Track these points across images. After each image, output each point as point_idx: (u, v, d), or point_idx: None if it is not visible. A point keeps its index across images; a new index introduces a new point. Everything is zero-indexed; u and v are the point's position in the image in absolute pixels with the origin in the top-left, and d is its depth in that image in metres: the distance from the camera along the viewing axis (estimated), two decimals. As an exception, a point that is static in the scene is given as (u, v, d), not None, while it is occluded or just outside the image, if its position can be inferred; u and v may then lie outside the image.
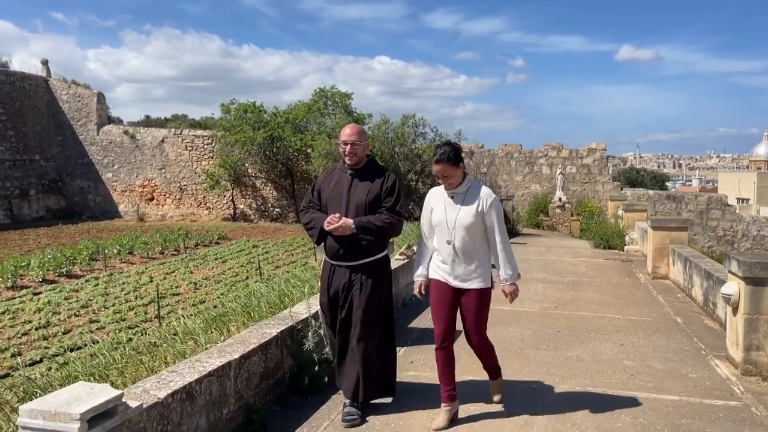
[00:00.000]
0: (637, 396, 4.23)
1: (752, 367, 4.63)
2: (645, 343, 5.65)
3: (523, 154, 24.26)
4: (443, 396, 3.72)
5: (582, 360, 5.09)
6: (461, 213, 3.65)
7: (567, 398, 4.19)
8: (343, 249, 3.81)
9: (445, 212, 3.69)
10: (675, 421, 3.79)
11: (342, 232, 3.74)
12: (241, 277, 13.34)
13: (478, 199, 3.66)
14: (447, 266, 3.69)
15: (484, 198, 3.67)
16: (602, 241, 13.77)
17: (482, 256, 3.69)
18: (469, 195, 3.69)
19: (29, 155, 27.50)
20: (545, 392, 4.31)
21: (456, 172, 3.66)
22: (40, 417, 2.39)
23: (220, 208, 26.87)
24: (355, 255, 3.81)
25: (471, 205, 3.65)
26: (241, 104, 24.49)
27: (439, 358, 3.73)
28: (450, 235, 3.65)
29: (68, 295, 11.51)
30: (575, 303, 7.49)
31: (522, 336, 5.84)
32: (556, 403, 4.09)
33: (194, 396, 3.12)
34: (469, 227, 3.63)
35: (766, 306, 4.58)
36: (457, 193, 3.70)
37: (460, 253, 3.64)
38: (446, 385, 3.72)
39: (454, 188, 3.70)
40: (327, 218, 3.79)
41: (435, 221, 3.73)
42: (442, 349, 3.71)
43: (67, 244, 18.16)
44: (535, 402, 4.10)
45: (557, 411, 3.94)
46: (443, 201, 3.74)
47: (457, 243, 3.64)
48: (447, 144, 3.71)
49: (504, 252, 3.69)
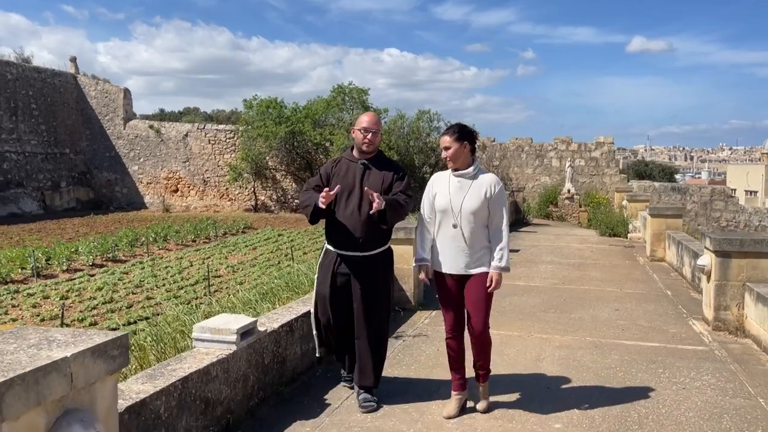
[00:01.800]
0: (625, 343, 5.33)
1: (721, 324, 5.71)
2: (636, 308, 6.73)
3: (533, 147, 25.24)
4: (454, 384, 3.77)
5: (583, 320, 6.19)
6: (468, 198, 3.60)
7: (569, 344, 5.29)
8: (357, 239, 3.77)
9: (450, 197, 3.63)
10: (653, 358, 4.89)
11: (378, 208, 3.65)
12: (274, 261, 14.51)
13: (485, 186, 3.63)
14: (452, 253, 3.65)
15: (492, 184, 3.64)
16: (607, 229, 14.81)
17: (486, 242, 3.66)
18: (477, 181, 3.65)
19: (60, 149, 28.79)
20: (552, 341, 5.41)
21: (459, 150, 3.63)
22: (207, 332, 3.52)
23: (241, 200, 28.06)
24: (368, 245, 3.80)
25: (478, 191, 3.61)
26: (263, 100, 25.62)
27: (449, 349, 3.79)
28: (456, 219, 3.61)
29: (120, 277, 12.71)
30: (580, 280, 8.57)
31: (533, 303, 6.94)
32: (560, 347, 5.19)
33: (293, 330, 4.24)
34: (476, 213, 3.59)
35: (732, 274, 5.65)
36: (464, 177, 3.66)
37: (466, 239, 3.60)
38: (456, 373, 3.76)
39: (461, 171, 3.66)
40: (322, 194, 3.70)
41: (439, 206, 3.67)
42: (452, 339, 3.76)
43: (103, 233, 19.40)
44: (544, 346, 5.21)
45: (562, 353, 5.03)
46: (448, 185, 3.67)
47: (463, 228, 3.60)
48: (458, 124, 3.78)
49: (504, 240, 3.64)
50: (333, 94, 25.54)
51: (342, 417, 3.71)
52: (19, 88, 26.81)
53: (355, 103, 25.23)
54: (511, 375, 4.45)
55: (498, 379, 4.21)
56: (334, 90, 25.54)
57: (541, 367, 4.66)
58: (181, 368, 3.15)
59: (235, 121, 30.19)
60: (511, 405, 3.89)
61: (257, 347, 3.75)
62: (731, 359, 4.91)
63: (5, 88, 26.09)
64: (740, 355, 5.01)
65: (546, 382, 4.34)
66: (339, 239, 3.82)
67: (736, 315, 5.63)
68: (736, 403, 3.96)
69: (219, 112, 63.92)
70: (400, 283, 6.46)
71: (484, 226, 3.65)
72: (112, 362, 2.17)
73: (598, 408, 3.86)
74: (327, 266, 3.88)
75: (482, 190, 3.62)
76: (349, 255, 3.79)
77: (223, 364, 3.38)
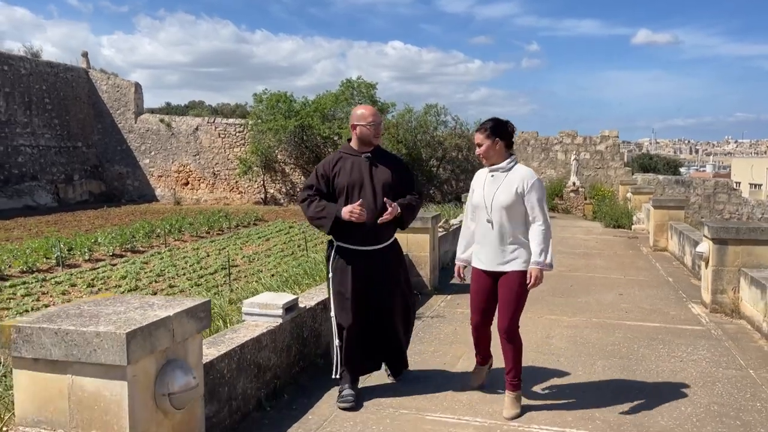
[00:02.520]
0: (628, 324, 5.76)
1: (718, 306, 6.13)
2: (639, 293, 7.15)
3: (539, 141, 25.60)
4: (477, 359, 3.99)
5: (589, 304, 6.61)
6: (499, 192, 3.59)
7: (576, 324, 5.72)
8: (370, 233, 3.78)
9: (483, 191, 3.66)
10: (654, 336, 5.31)
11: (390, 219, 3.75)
12: (288, 252, 14.96)
13: (518, 180, 3.60)
14: (486, 249, 3.67)
15: (525, 179, 3.60)
16: (612, 221, 15.20)
17: (522, 238, 3.61)
18: (511, 175, 3.63)
19: (72, 142, 29.27)
20: (560, 322, 5.84)
21: (491, 147, 3.62)
22: (256, 307, 3.97)
23: (251, 193, 28.51)
24: (382, 237, 3.85)
25: (511, 185, 3.59)
26: (273, 94, 26.04)
27: (474, 331, 3.90)
28: (489, 214, 3.61)
29: (141, 266, 13.18)
30: (585, 268, 8.99)
31: (542, 289, 7.30)
32: (568, 327, 5.62)
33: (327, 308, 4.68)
34: (508, 207, 3.56)
35: (728, 260, 6.06)
36: (498, 172, 3.66)
37: (499, 234, 3.59)
38: (479, 352, 3.95)
39: (495, 166, 3.67)
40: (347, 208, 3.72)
41: (475, 201, 3.72)
42: (476, 332, 3.89)
43: (118, 225, 19.89)
44: (553, 326, 5.64)
45: (569, 331, 5.47)
46: (484, 180, 3.72)
47: (495, 223, 3.59)
48: (492, 119, 3.74)
49: (542, 235, 3.56)
50: (341, 89, 25.93)
51: (373, 384, 4.15)
52: (33, 83, 27.27)
53: (363, 97, 25.61)
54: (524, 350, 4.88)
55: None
56: (342, 84, 25.95)
57: (551, 344, 5.10)
58: (237, 337, 3.60)
59: (241, 114, 30.58)
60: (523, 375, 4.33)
61: (298, 321, 4.20)
62: (726, 337, 5.33)
63: (19, 83, 26.56)
64: (734, 334, 5.43)
65: (555, 356, 4.78)
66: (354, 235, 3.77)
67: (732, 298, 6.05)
68: (728, 374, 4.39)
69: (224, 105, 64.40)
70: (417, 269, 6.90)
71: (519, 221, 3.59)
72: (200, 323, 2.62)
73: (602, 374, 4.29)
74: (343, 266, 3.82)
75: (514, 185, 3.58)
76: (366, 249, 3.80)
77: (271, 335, 3.82)
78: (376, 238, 3.82)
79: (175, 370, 2.42)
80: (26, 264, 12.49)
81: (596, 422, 3.54)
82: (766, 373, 4.42)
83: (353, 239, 3.80)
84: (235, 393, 3.41)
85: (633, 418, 3.61)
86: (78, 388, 2.26)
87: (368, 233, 3.78)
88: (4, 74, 25.78)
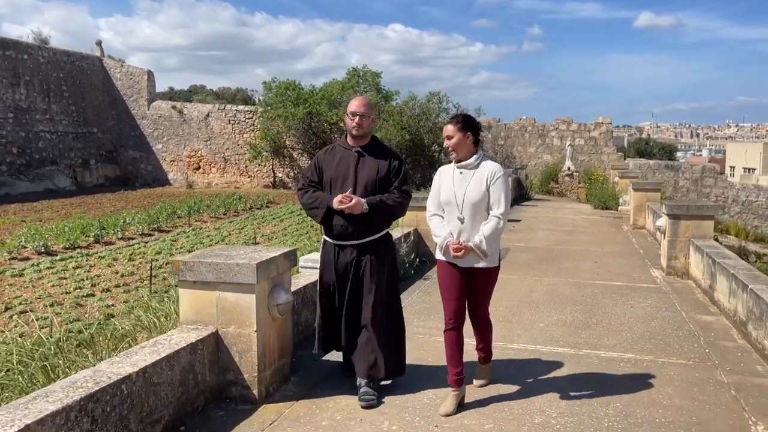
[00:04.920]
0: (597, 283, 7.11)
1: (672, 270, 7.48)
2: (612, 262, 8.50)
3: (536, 127, 26.85)
4: (451, 380, 3.66)
5: (568, 269, 7.97)
6: (470, 189, 3.58)
7: (554, 283, 7.08)
8: (351, 228, 3.76)
9: (453, 189, 3.63)
10: (615, 291, 6.68)
11: (352, 211, 3.70)
12: (302, 231, 16.32)
13: (487, 173, 3.61)
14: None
15: (491, 173, 3.61)
16: (600, 202, 16.53)
17: None
18: (479, 171, 3.62)
19: (88, 128, 30.50)
20: (542, 281, 7.18)
21: (462, 141, 3.61)
22: (309, 262, 5.31)
23: (260, 177, 29.81)
24: (363, 233, 3.79)
25: (480, 181, 3.59)
26: (282, 83, 27.24)
27: (447, 340, 3.68)
28: (460, 212, 3.60)
29: (170, 244, 14.53)
30: (570, 242, 10.33)
31: (529, 258, 8.72)
32: (547, 285, 6.97)
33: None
34: (478, 204, 3.57)
35: (681, 232, 7.40)
36: (466, 168, 3.64)
37: (470, 230, 3.58)
38: (455, 368, 3.65)
39: (463, 163, 3.65)
40: (337, 197, 3.74)
41: (444, 199, 3.67)
42: (451, 330, 3.66)
43: (137, 207, 21.22)
44: (535, 285, 6.99)
45: (548, 288, 6.82)
46: (452, 177, 3.67)
47: (467, 220, 3.59)
48: (462, 113, 3.86)
49: (494, 225, 3.57)
50: (348, 77, 27.13)
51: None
52: (50, 71, 28.44)
53: (369, 85, 26.82)
54: (510, 301, 6.24)
55: (499, 303, 5.99)
56: (348, 73, 27.14)
57: (532, 296, 6.46)
58: (299, 282, 4.94)
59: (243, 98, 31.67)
60: (509, 316, 5.68)
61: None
62: (672, 291, 6.70)
63: (38, 71, 27.73)
64: (680, 289, 6.80)
65: (535, 304, 6.14)
66: (334, 230, 3.83)
67: (683, 263, 7.40)
68: (665, 315, 5.75)
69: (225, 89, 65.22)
70: (424, 240, 8.22)
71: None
72: (291, 263, 3.96)
73: (570, 316, 5.65)
74: (328, 258, 3.90)
75: (483, 180, 3.60)
76: (346, 244, 3.81)
77: (322, 282, 5.17)
78: (352, 234, 3.78)
79: (280, 290, 3.76)
80: (68, 241, 13.84)
81: (559, 342, 4.91)
82: (693, 314, 5.78)
83: (332, 233, 3.86)
84: (300, 320, 4.76)
85: (587, 341, 4.97)
86: (222, 299, 3.60)
87: (345, 229, 3.78)
88: (24, 63, 26.95)
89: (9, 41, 26.83)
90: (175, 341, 3.39)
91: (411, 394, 3.85)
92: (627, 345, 4.86)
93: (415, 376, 4.07)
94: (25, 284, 10.34)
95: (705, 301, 6.32)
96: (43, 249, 13.01)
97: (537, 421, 3.48)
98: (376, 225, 3.83)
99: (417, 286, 6.93)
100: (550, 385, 4.00)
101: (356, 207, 3.69)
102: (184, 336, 3.47)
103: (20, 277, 10.74)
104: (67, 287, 10.13)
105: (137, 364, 3.02)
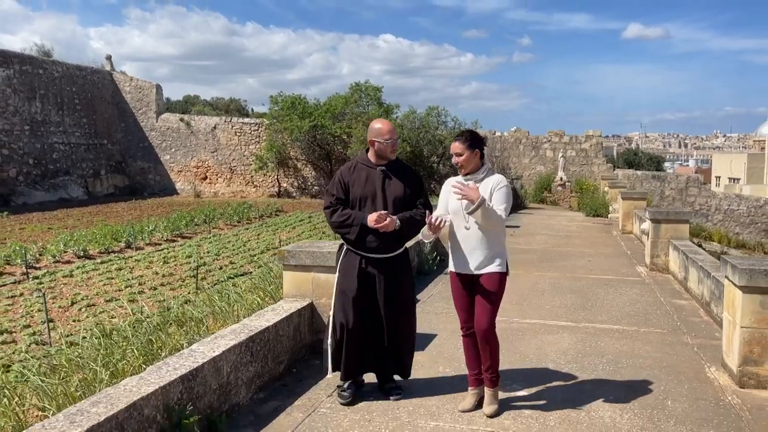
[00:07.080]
0: (591, 277, 8.41)
1: (654, 266, 8.79)
2: (603, 261, 9.81)
3: (530, 140, 28.28)
4: (470, 380, 3.93)
5: (565, 266, 9.25)
6: None
7: (555, 277, 8.36)
8: (382, 242, 3.94)
9: (461, 200, 3.75)
10: (607, 283, 7.97)
11: (386, 229, 3.86)
12: (316, 237, 17.53)
13: (491, 185, 3.80)
14: (464, 254, 3.81)
15: (497, 183, 3.81)
16: (591, 210, 17.89)
17: (498, 242, 3.82)
18: (485, 183, 3.81)
19: (99, 140, 31.63)
20: (545, 276, 8.46)
21: (470, 156, 3.80)
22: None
23: (265, 186, 31.03)
24: (392, 246, 4.00)
25: (485, 191, 3.74)
26: (289, 97, 28.57)
27: (464, 345, 3.94)
28: (467, 221, 3.78)
29: (196, 249, 15.71)
30: (565, 245, 11.64)
31: (532, 258, 10.00)
32: (550, 278, 8.26)
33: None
34: None
35: (661, 234, 8.71)
36: (474, 181, 3.80)
37: (476, 239, 3.76)
38: (473, 369, 3.90)
39: (470, 176, 3.83)
40: (372, 215, 3.86)
41: (452, 209, 3.85)
42: (467, 336, 3.90)
43: (152, 215, 22.35)
44: (539, 278, 8.27)
45: (551, 281, 8.10)
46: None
47: (473, 230, 3.76)
48: (468, 130, 4.01)
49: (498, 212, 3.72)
50: (350, 92, 28.48)
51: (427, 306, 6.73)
52: (64, 85, 29.59)
53: (371, 99, 28.18)
54: (520, 290, 7.51)
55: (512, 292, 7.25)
56: (351, 88, 28.49)
57: (538, 286, 7.73)
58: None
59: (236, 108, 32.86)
60: (520, 301, 6.95)
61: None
62: (654, 283, 8.00)
63: (53, 85, 28.89)
64: (661, 281, 8.10)
65: (540, 291, 7.41)
66: (364, 244, 3.96)
67: (664, 261, 8.70)
68: (647, 299, 7.05)
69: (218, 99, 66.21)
70: (441, 240, 9.47)
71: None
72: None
73: (570, 301, 6.93)
74: (351, 266, 4.02)
75: (488, 190, 3.78)
76: (374, 257, 3.98)
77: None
78: (382, 249, 3.96)
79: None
80: (102, 246, 14.99)
81: (563, 318, 6.18)
82: (670, 299, 7.08)
83: (361, 247, 3.98)
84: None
85: (584, 317, 6.24)
86: (316, 278, 4.84)
87: (376, 244, 3.94)
88: (39, 78, 28.11)
89: (26, 56, 28.01)
90: (286, 308, 4.62)
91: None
92: (616, 320, 6.14)
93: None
94: (78, 283, 11.49)
95: (680, 289, 7.62)
96: (83, 253, 14.17)
97: (551, 367, 4.73)
98: (403, 238, 4.05)
99: (439, 279, 8.19)
100: (558, 344, 5.27)
101: (391, 225, 3.88)
102: (291, 305, 4.71)
103: (71, 278, 11.89)
104: (117, 285, 11.30)
105: (271, 320, 4.25)
